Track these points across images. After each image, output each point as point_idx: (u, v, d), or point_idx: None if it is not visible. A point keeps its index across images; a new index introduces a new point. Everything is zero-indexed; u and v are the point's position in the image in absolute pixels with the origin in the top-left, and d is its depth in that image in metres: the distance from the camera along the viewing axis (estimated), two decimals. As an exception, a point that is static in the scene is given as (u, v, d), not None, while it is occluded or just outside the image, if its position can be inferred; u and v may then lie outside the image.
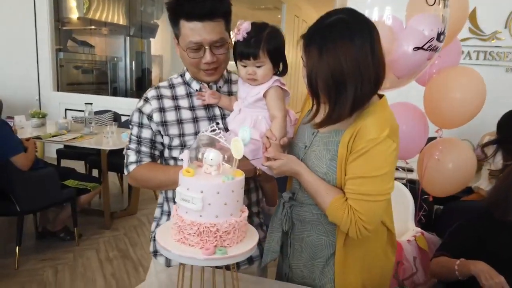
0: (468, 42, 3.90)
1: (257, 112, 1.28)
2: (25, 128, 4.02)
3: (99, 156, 3.55)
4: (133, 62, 7.62)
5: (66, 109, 6.00)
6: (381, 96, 1.18)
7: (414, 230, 1.88)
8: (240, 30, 1.20)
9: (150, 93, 1.39)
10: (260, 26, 1.24)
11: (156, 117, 1.35)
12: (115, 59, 7.54)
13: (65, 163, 4.50)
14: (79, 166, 4.81)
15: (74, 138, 3.56)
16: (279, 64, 1.26)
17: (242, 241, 1.02)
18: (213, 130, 1.01)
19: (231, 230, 0.98)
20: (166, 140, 1.37)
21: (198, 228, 0.96)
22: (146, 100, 1.38)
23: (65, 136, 3.63)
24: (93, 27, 7.33)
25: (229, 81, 1.45)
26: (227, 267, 1.13)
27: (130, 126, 1.42)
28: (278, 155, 1.18)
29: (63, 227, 3.34)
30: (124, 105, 5.51)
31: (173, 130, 1.35)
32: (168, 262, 1.41)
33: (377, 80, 1.09)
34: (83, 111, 5.62)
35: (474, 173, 2.22)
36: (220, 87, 1.42)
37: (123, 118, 4.88)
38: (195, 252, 0.95)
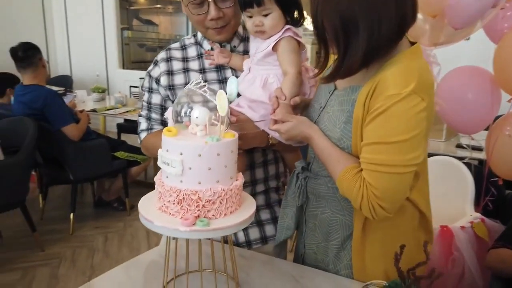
0: None
1: (267, 69, 1.11)
2: (86, 102, 4.20)
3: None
4: (195, 40, 7.68)
5: (130, 86, 6.21)
6: (413, 44, 0.95)
7: (473, 216, 1.60)
8: None
9: (160, 55, 1.29)
10: None
11: (164, 80, 1.24)
12: (178, 37, 7.66)
13: (124, 136, 4.67)
14: (136, 139, 4.99)
15: (127, 112, 3.63)
16: (291, 11, 1.07)
17: (233, 213, 0.88)
18: (197, 82, 0.86)
19: (216, 199, 0.84)
20: None
21: (177, 195, 0.83)
22: (156, 63, 1.28)
23: (119, 110, 3.72)
24: (159, 5, 7.49)
25: (245, 39, 1.29)
26: (225, 241, 1.00)
27: (142, 91, 1.33)
28: (286, 117, 1.01)
29: (116, 197, 3.46)
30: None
31: None
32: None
33: (402, 20, 0.86)
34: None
35: None
36: (234, 46, 1.26)
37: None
38: (176, 223, 0.83)
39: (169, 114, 0.90)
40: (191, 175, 0.83)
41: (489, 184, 1.91)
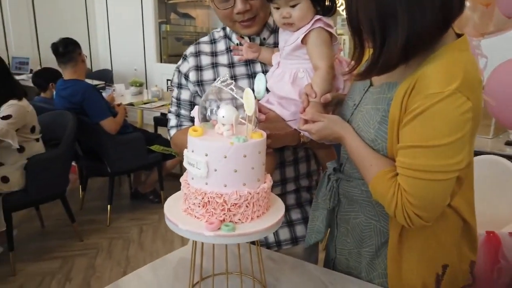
0: None
1: (297, 64, 1.05)
2: (124, 95, 4.30)
3: (189, 123, 3.63)
4: (231, 33, 7.66)
5: (167, 80, 6.32)
6: (459, 36, 0.86)
7: (525, 221, 1.48)
8: None
9: (189, 49, 1.26)
10: None
11: (192, 76, 1.22)
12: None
13: (161, 130, 4.74)
14: (173, 133, 5.05)
15: (163, 106, 3.67)
16: (321, 1, 1.01)
17: (260, 217, 0.84)
18: (223, 80, 0.82)
19: (243, 203, 0.80)
20: None
21: (202, 198, 0.80)
22: (185, 58, 1.26)
23: (155, 103, 3.77)
24: (197, -1, 7.53)
25: (275, 31, 1.23)
26: (253, 242, 0.97)
27: (172, 87, 1.31)
28: (317, 116, 0.95)
29: (152, 189, 3.53)
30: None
31: None
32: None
33: (447, 10, 0.78)
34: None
35: None
36: (264, 38, 1.21)
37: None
38: (201, 227, 0.80)
39: (195, 113, 0.87)
40: (217, 178, 0.80)
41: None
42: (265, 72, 1.19)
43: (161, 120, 4.65)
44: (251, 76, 1.20)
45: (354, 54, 0.89)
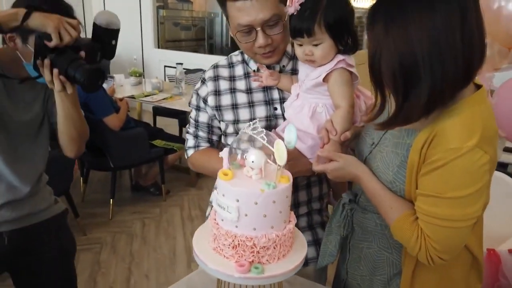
0: None
1: (316, 98, 1.08)
2: (124, 86, 4.27)
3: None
4: (229, 18, 7.58)
5: (165, 66, 6.28)
6: (478, 87, 0.90)
7: (522, 237, 1.55)
8: (293, 1, 0.99)
9: (208, 73, 1.28)
10: None
11: (211, 100, 1.24)
12: (212, 14, 7.58)
13: (160, 119, 4.75)
14: (172, 123, 5.06)
15: (164, 99, 3.67)
16: (344, 39, 1.03)
17: (286, 256, 0.89)
18: (255, 128, 0.85)
19: (271, 245, 0.85)
20: (222, 126, 1.27)
21: (233, 240, 0.85)
22: (203, 82, 1.28)
23: (156, 96, 3.77)
24: (193, -18, 7.40)
25: (294, 58, 1.26)
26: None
27: (190, 108, 1.34)
28: (333, 156, 0.99)
29: (153, 182, 3.56)
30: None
31: (228, 116, 1.23)
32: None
33: (469, 66, 0.81)
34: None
35: None
36: (283, 66, 1.24)
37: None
38: (231, 268, 0.84)
39: (224, 155, 0.90)
40: (247, 222, 0.84)
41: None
42: (282, 99, 1.22)
43: (159, 110, 4.65)
44: (268, 102, 1.23)
45: (375, 104, 0.92)
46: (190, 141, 1.34)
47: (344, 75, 1.04)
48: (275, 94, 1.23)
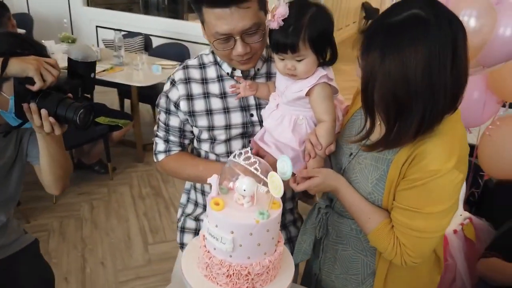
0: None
1: (297, 111, 1.08)
2: (55, 53, 3.89)
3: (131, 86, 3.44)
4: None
5: (97, 26, 5.80)
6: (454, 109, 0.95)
7: (462, 215, 1.72)
8: (275, 16, 0.95)
9: (178, 74, 1.21)
10: (301, 7, 0.98)
11: (183, 105, 1.19)
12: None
13: (98, 89, 4.44)
14: (112, 93, 4.76)
15: (104, 71, 3.42)
16: (325, 53, 1.03)
17: (276, 277, 0.91)
18: (246, 156, 0.84)
19: (264, 271, 0.86)
20: (195, 131, 1.23)
21: (227, 270, 0.85)
22: (173, 84, 1.21)
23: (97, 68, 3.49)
24: None
25: (268, 60, 1.23)
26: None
27: (158, 110, 1.27)
28: (312, 172, 1.02)
29: (97, 160, 3.39)
30: (156, 26, 5.25)
31: (202, 122, 1.19)
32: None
33: (455, 96, 0.85)
34: (113, 29, 5.43)
35: None
36: (258, 69, 1.20)
37: (154, 42, 4.66)
38: (225, 294, 0.85)
39: (213, 181, 0.88)
40: (242, 251, 0.84)
41: (477, 177, 2.03)
42: (258, 105, 1.20)
43: (98, 80, 4.34)
44: (244, 109, 1.20)
45: (365, 127, 0.94)
46: (160, 145, 1.28)
47: (326, 89, 1.04)
48: (251, 100, 1.20)
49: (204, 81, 1.20)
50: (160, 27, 5.24)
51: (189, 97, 1.19)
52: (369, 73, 0.85)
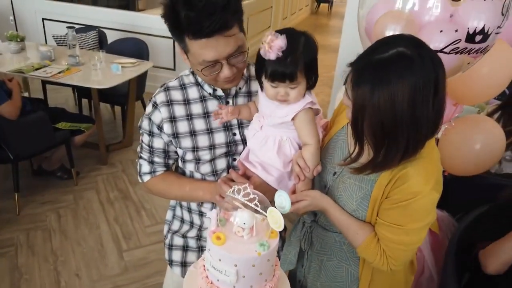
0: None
1: (281, 132, 1.12)
2: (3, 54, 3.68)
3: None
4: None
5: (43, 19, 5.48)
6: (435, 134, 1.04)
7: (426, 209, 1.85)
8: (272, 47, 0.99)
9: (159, 97, 1.21)
10: (294, 38, 1.02)
11: (167, 128, 1.20)
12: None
13: (51, 88, 4.26)
14: (65, 90, 4.57)
15: (60, 72, 3.27)
16: (312, 77, 1.08)
17: (274, 299, 0.97)
18: (245, 193, 0.88)
19: (265, 296, 0.92)
20: (179, 152, 1.24)
21: (231, 300, 0.89)
22: (155, 106, 1.21)
23: (50, 69, 3.33)
24: None
25: (248, 79, 1.26)
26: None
27: (140, 132, 1.27)
28: (300, 196, 1.08)
29: (59, 165, 3.27)
30: (105, 17, 5.04)
31: (186, 143, 1.21)
32: (184, 273, 1.38)
33: (436, 125, 0.94)
34: (61, 22, 5.16)
35: (490, 158, 2.08)
36: (240, 88, 1.24)
37: (108, 37, 4.49)
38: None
39: (212, 216, 0.91)
40: (245, 282, 0.88)
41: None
42: (240, 124, 1.23)
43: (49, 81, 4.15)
44: (227, 128, 1.23)
45: (353, 151, 1.00)
46: (145, 167, 1.29)
47: (310, 114, 1.09)
48: (233, 120, 1.23)
49: (186, 102, 1.22)
50: (112, 19, 5.05)
51: (172, 119, 1.20)
52: (359, 105, 0.90)
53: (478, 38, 1.29)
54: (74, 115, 3.28)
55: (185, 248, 1.39)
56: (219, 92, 1.21)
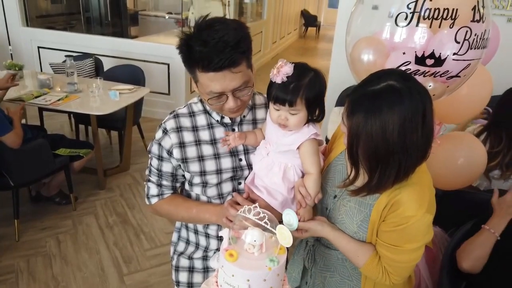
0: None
1: (286, 159, 1.21)
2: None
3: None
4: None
5: (38, 47, 5.58)
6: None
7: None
8: (280, 72, 1.09)
9: (169, 123, 1.29)
10: (303, 70, 1.12)
11: (176, 153, 1.27)
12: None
13: (47, 114, 4.32)
14: (60, 116, 4.63)
15: (59, 100, 3.35)
16: (315, 111, 1.17)
17: (283, 311, 1.03)
18: (256, 212, 0.95)
19: (276, 309, 0.98)
20: (187, 176, 1.32)
21: (244, 313, 0.95)
22: (165, 132, 1.29)
23: (49, 97, 3.41)
24: None
25: (253, 107, 1.35)
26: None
27: (149, 156, 1.34)
28: (303, 226, 1.15)
29: (57, 191, 3.30)
30: (101, 45, 5.16)
31: (194, 167, 1.28)
32: (192, 293, 1.44)
33: (425, 152, 1.03)
34: (57, 50, 5.26)
35: (473, 172, 2.18)
36: (244, 116, 1.32)
37: (105, 64, 4.59)
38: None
39: (224, 234, 0.98)
40: (256, 296, 0.95)
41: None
42: (246, 150, 1.32)
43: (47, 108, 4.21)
44: (234, 154, 1.31)
45: (350, 175, 1.09)
46: (153, 190, 1.36)
47: (314, 145, 1.18)
48: (240, 146, 1.31)
49: (195, 129, 1.30)
50: (107, 46, 5.16)
51: (182, 144, 1.28)
52: (354, 132, 1.00)
53: (429, 61, 1.36)
54: (73, 141, 3.34)
55: (191, 270, 1.45)
56: (226, 120, 1.30)
